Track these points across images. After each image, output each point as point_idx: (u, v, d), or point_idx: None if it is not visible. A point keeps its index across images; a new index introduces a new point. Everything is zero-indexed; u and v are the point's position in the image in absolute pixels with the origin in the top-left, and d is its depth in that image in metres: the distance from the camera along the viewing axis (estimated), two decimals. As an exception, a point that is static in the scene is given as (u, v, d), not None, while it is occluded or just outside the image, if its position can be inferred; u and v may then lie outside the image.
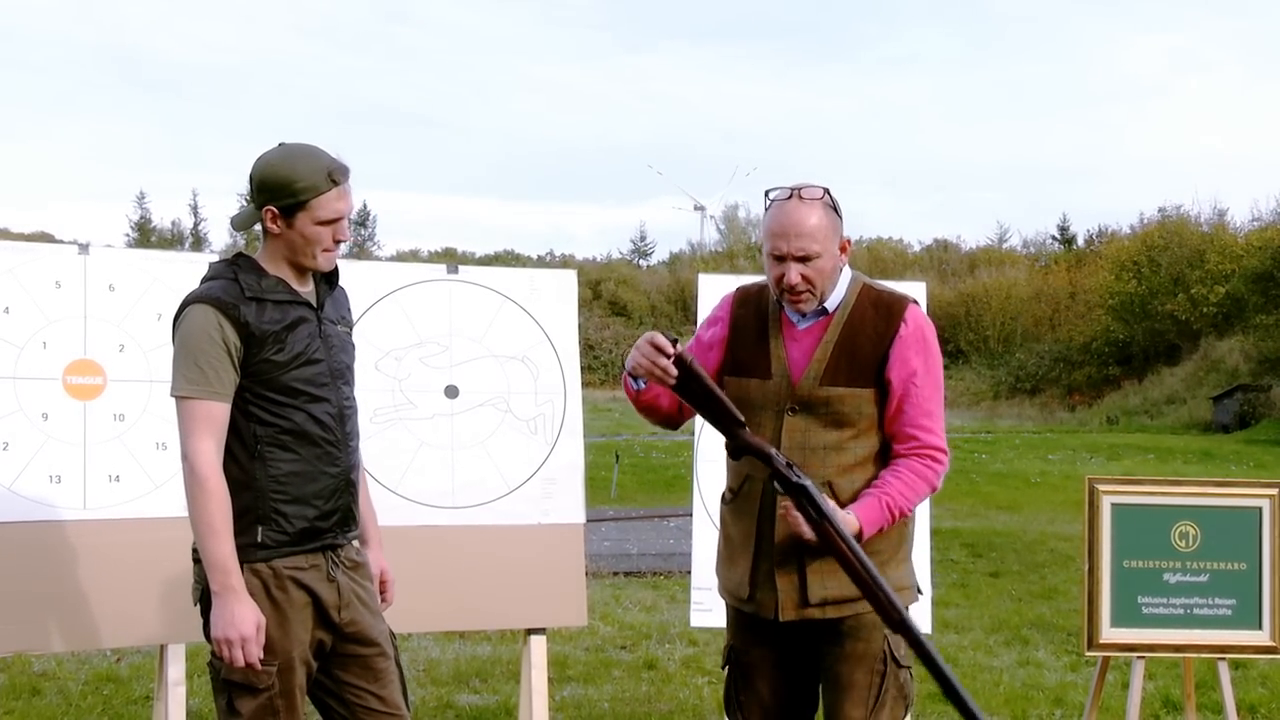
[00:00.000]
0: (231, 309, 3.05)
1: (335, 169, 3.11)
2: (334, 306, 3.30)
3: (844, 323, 3.19)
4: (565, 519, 4.74)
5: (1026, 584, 9.67)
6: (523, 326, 4.79)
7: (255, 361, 3.07)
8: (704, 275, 5.05)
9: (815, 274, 3.12)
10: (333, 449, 3.18)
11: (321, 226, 3.11)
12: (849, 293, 3.23)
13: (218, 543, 3.00)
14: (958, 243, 62.69)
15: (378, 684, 3.28)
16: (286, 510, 3.11)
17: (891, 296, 3.24)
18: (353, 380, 3.32)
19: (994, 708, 5.92)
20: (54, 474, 4.12)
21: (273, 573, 3.10)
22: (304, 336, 3.15)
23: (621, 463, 17.09)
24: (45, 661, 6.42)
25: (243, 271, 3.13)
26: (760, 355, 3.24)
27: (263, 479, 3.09)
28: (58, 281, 4.21)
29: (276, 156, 3.12)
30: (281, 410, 3.10)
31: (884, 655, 3.18)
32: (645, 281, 59.54)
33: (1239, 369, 34.43)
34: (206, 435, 3.02)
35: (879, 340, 3.16)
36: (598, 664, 6.76)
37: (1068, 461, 21.50)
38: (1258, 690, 6.25)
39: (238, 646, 3.00)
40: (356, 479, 3.30)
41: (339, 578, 3.21)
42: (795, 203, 3.13)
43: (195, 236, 65.01)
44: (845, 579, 3.00)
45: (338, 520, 3.20)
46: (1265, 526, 4.72)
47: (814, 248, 3.10)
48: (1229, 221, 44.72)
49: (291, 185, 3.06)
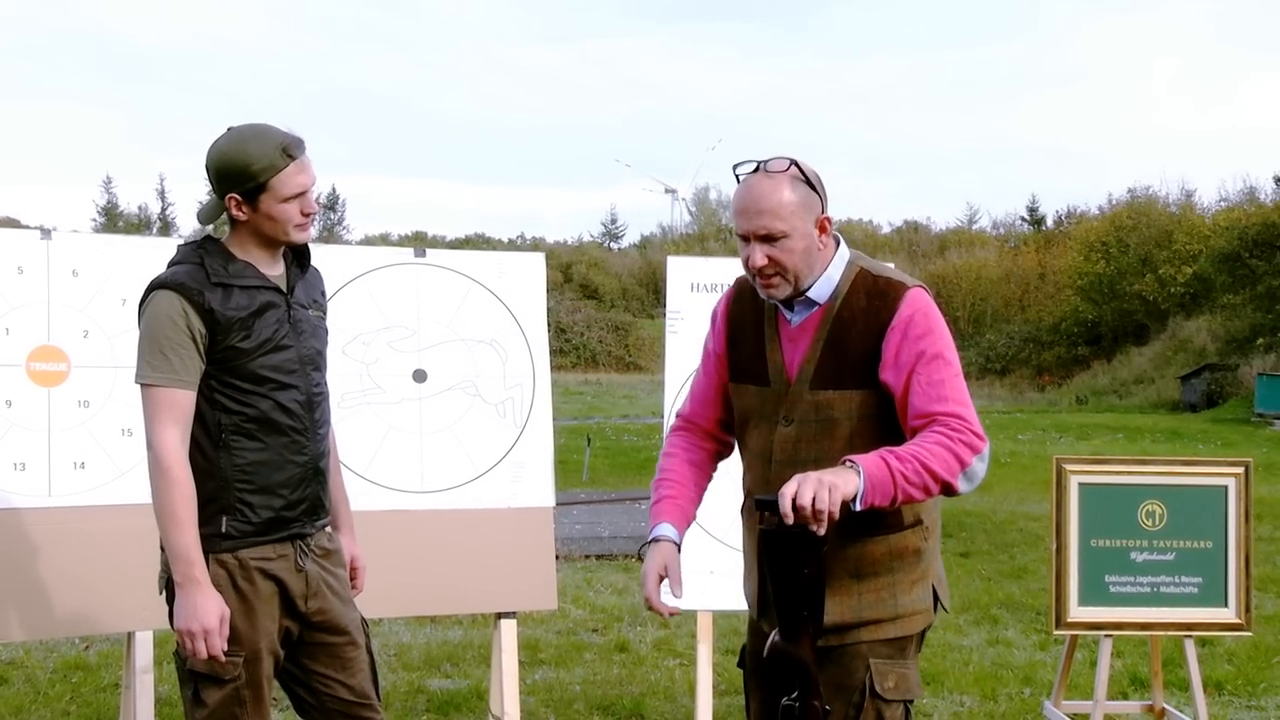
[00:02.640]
0: (196, 295, 2.99)
1: (288, 143, 3.03)
2: (305, 290, 3.23)
3: (834, 316, 2.84)
4: (534, 502, 4.74)
5: (996, 564, 9.72)
6: (491, 310, 4.77)
7: (221, 348, 3.01)
8: (672, 258, 5.05)
9: (783, 255, 2.77)
10: (300, 437, 3.13)
11: (286, 204, 3.04)
12: (842, 280, 2.86)
13: (181, 532, 2.95)
14: (928, 224, 63.18)
15: (346, 672, 3.25)
16: (252, 500, 3.06)
17: (888, 283, 2.84)
18: (324, 366, 3.27)
19: (964, 687, 5.95)
20: (18, 461, 4.08)
21: (239, 563, 3.06)
22: (272, 322, 3.08)
23: (593, 446, 17.08)
24: (12, 650, 6.38)
25: (209, 256, 3.07)
26: (757, 359, 2.94)
27: (227, 468, 3.04)
28: (20, 267, 4.17)
29: (227, 142, 3.04)
30: (247, 398, 3.05)
31: (863, 687, 2.83)
32: (616, 264, 59.61)
33: (1206, 349, 34.70)
34: (171, 423, 2.97)
35: (869, 334, 2.80)
36: (569, 647, 6.76)
37: (1037, 441, 21.60)
38: (1224, 667, 6.30)
39: (200, 639, 2.96)
40: (326, 467, 3.25)
41: (308, 567, 3.17)
42: (759, 177, 2.79)
43: (163, 221, 64.70)
44: (849, 603, 2.83)
45: (305, 510, 3.16)
46: (1231, 505, 4.76)
47: (778, 225, 2.75)
48: (1197, 202, 45.12)
49: (248, 169, 2.99)
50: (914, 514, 2.88)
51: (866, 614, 2.85)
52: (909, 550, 2.88)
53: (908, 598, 2.88)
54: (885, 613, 2.86)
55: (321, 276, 3.37)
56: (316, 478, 3.19)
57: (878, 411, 2.81)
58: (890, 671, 2.84)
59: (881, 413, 2.81)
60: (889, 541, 2.85)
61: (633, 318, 50.72)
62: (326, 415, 3.25)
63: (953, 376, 2.76)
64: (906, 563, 2.88)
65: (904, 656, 2.88)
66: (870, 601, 2.85)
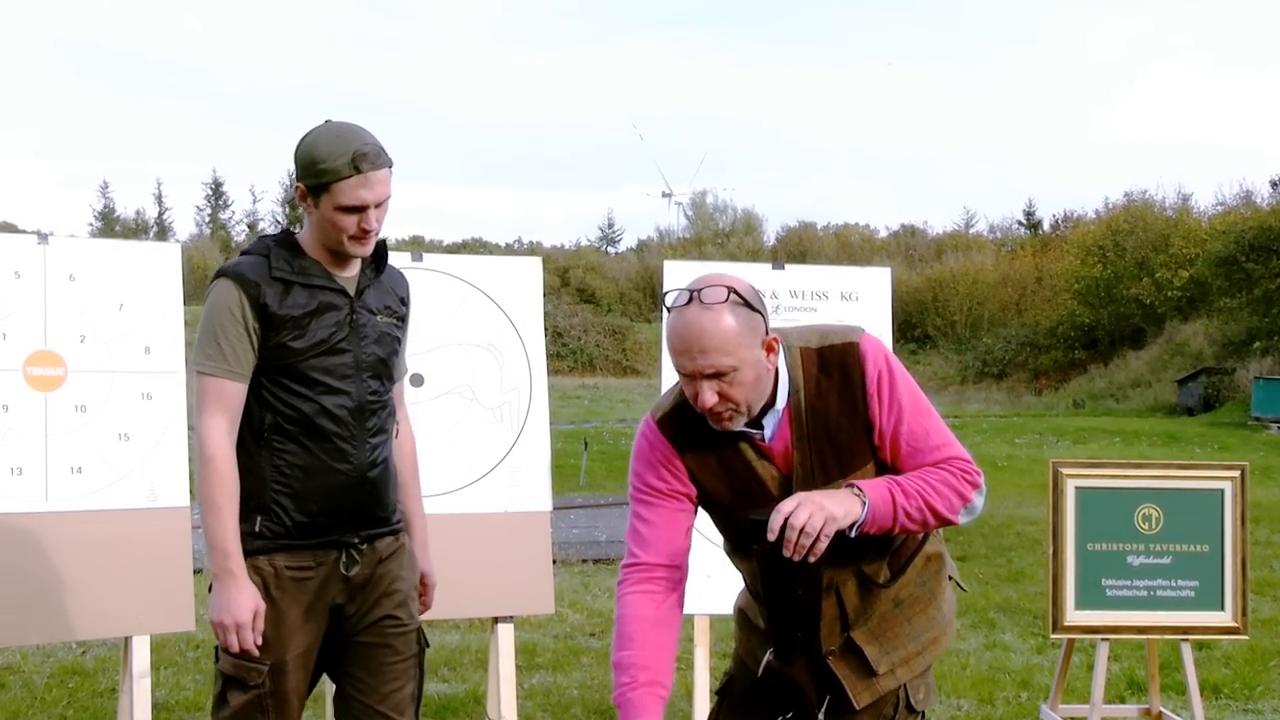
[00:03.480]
0: (253, 288, 2.94)
1: (361, 155, 2.92)
2: (378, 295, 3.15)
3: (806, 410, 2.67)
4: (532, 506, 4.74)
5: (993, 567, 9.72)
6: (488, 314, 4.77)
7: (272, 345, 2.96)
8: (669, 262, 5.05)
9: (735, 390, 2.55)
10: (345, 444, 3.03)
11: (343, 213, 2.95)
12: (792, 371, 2.67)
13: (219, 522, 2.90)
14: (924, 228, 63.03)
15: (378, 679, 3.16)
16: (285, 503, 3.00)
17: (834, 349, 2.68)
18: (389, 374, 3.15)
19: (961, 690, 5.95)
20: (15, 466, 4.08)
21: (274, 571, 3.00)
22: (330, 324, 3.01)
23: (590, 450, 17.07)
24: (9, 654, 6.37)
25: (277, 249, 3.02)
26: (751, 481, 2.71)
27: (267, 467, 2.99)
28: (17, 272, 4.17)
29: (313, 135, 2.99)
30: (293, 399, 2.99)
31: (896, 701, 2.79)
32: (613, 268, 59.53)
33: (1203, 352, 34.71)
34: (219, 413, 2.93)
35: (852, 410, 2.66)
36: (566, 651, 6.76)
37: (1034, 445, 21.61)
38: (1221, 671, 6.30)
39: (231, 632, 2.91)
40: (378, 477, 3.11)
41: (354, 574, 3.08)
42: (695, 309, 2.54)
43: (159, 226, 64.56)
44: (903, 632, 2.78)
45: (346, 519, 3.06)
46: (1227, 509, 4.77)
47: (725, 361, 2.51)
48: (1193, 206, 45.15)
49: (314, 165, 2.94)
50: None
51: (924, 636, 2.84)
52: (933, 559, 2.89)
53: (946, 604, 2.89)
54: (938, 628, 2.86)
55: (406, 283, 3.30)
56: (363, 487, 3.08)
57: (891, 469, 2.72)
58: (920, 684, 2.84)
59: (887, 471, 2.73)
60: (915, 564, 2.85)
61: (630, 322, 50.67)
62: (384, 424, 3.14)
63: (932, 421, 2.70)
64: (934, 571, 2.88)
65: (927, 667, 2.88)
66: (923, 624, 2.84)
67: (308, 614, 3.05)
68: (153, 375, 4.29)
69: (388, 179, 3.02)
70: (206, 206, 68.33)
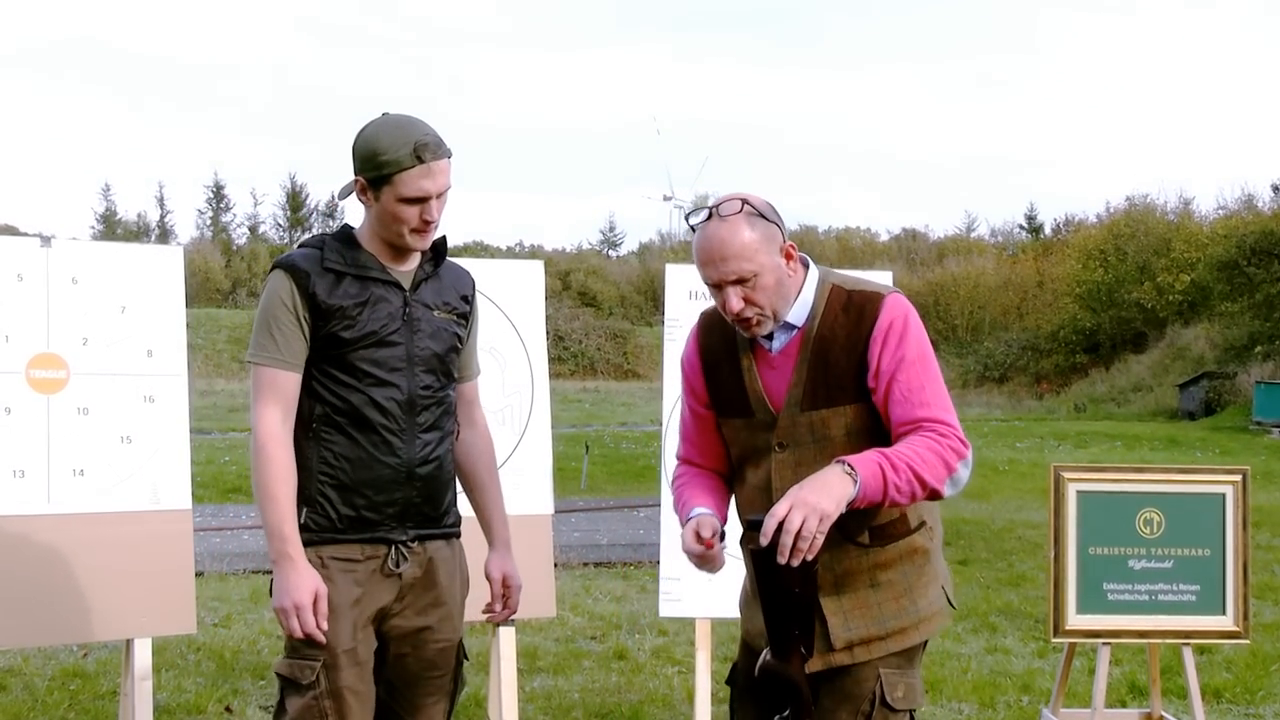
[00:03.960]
0: (304, 278, 2.95)
1: (423, 145, 2.93)
2: (435, 290, 3.12)
3: (815, 336, 2.82)
4: (534, 510, 4.73)
5: (994, 571, 9.72)
6: (490, 318, 4.76)
7: (322, 335, 2.96)
8: (671, 265, 5.05)
9: (759, 294, 2.76)
10: (394, 438, 3.01)
11: (405, 204, 2.94)
12: (817, 299, 2.84)
13: (275, 509, 2.89)
14: (926, 232, 63.22)
15: (411, 690, 3.14)
16: (331, 495, 2.98)
17: (864, 295, 2.83)
18: (445, 370, 3.12)
19: (962, 694, 5.95)
20: (17, 469, 4.08)
21: (320, 561, 2.96)
22: (382, 316, 3.00)
23: (591, 453, 17.07)
24: (11, 657, 6.37)
25: (332, 241, 3.04)
26: (738, 392, 2.90)
27: (314, 459, 2.98)
28: (19, 274, 4.17)
29: (373, 127, 2.98)
30: (342, 390, 2.97)
31: (873, 696, 2.83)
32: (615, 272, 59.60)
33: (1204, 356, 34.72)
34: (272, 403, 2.93)
35: (853, 348, 2.78)
36: (568, 655, 6.76)
37: (1035, 449, 21.61)
38: (1222, 675, 6.30)
39: (293, 615, 2.87)
40: (431, 474, 3.08)
41: (403, 572, 3.05)
42: (715, 223, 2.76)
43: (161, 228, 64.62)
44: (870, 614, 2.83)
45: (396, 514, 3.03)
46: (1229, 513, 4.76)
47: (746, 267, 2.73)
48: (1195, 210, 45.24)
49: (375, 157, 2.92)
50: (918, 516, 2.91)
51: (890, 624, 2.86)
52: (918, 552, 2.91)
53: (924, 601, 2.90)
54: (907, 620, 2.87)
55: (470, 280, 3.27)
56: (412, 483, 3.04)
57: (872, 424, 2.81)
58: (900, 681, 2.85)
59: (875, 424, 2.81)
60: (899, 547, 2.88)
61: (631, 325, 50.71)
62: (438, 421, 3.10)
63: (933, 381, 2.77)
64: (917, 565, 2.90)
65: (911, 666, 2.90)
66: (892, 611, 2.86)
67: (356, 608, 2.99)
68: (155, 378, 4.30)
69: (448, 169, 3.01)
70: (208, 209, 68.54)
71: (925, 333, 2.84)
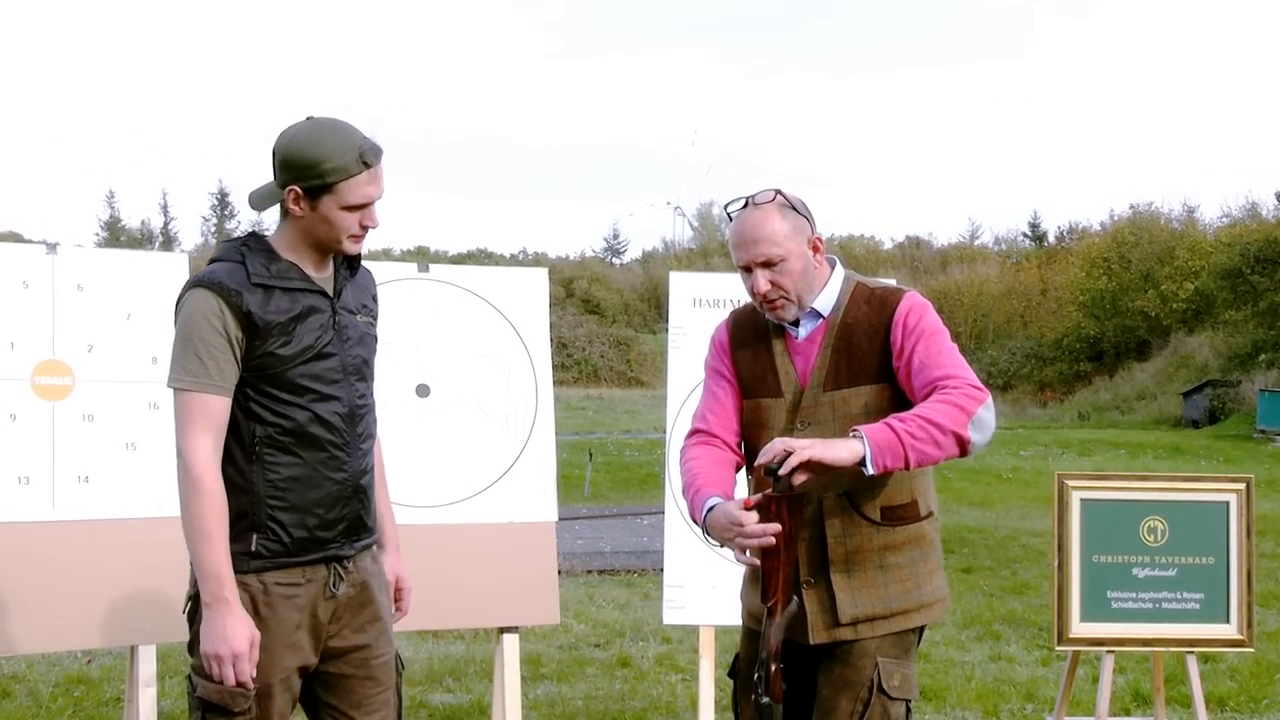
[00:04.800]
0: (234, 296, 2.79)
1: (367, 150, 2.83)
2: (354, 294, 3.03)
3: (839, 324, 3.03)
4: (537, 517, 4.74)
5: (998, 579, 9.71)
6: (494, 325, 4.78)
7: (258, 355, 2.81)
8: (675, 273, 5.05)
9: (784, 278, 2.98)
10: (340, 452, 2.92)
11: (348, 212, 2.84)
12: (842, 293, 3.07)
13: (210, 549, 2.75)
14: (930, 240, 63.17)
15: (360, 710, 3.05)
16: (284, 518, 2.86)
17: (885, 290, 3.07)
18: (371, 376, 3.04)
19: (966, 702, 5.94)
20: (22, 475, 4.09)
21: (263, 588, 2.86)
22: (315, 328, 2.89)
23: (595, 461, 17.08)
24: (15, 664, 6.38)
25: (252, 254, 2.87)
26: (768, 372, 3.08)
27: (260, 483, 2.85)
28: (25, 281, 4.18)
29: (305, 133, 2.84)
30: (285, 409, 2.85)
31: (871, 684, 2.96)
32: (618, 279, 59.64)
33: (1209, 365, 34.68)
34: (203, 431, 2.78)
35: (875, 333, 2.99)
36: (571, 662, 6.76)
37: (1039, 457, 21.59)
38: (1226, 683, 6.29)
39: (228, 663, 2.76)
40: (369, 484, 3.03)
41: (340, 592, 2.97)
42: (750, 210, 3.01)
43: (165, 236, 64.79)
44: (877, 594, 2.96)
45: (343, 530, 2.95)
46: (1233, 521, 4.76)
47: (775, 251, 2.96)
48: (1199, 218, 45.13)
49: (319, 166, 2.79)
50: (927, 506, 3.08)
51: (895, 605, 3.01)
52: (925, 540, 3.06)
53: (929, 587, 3.06)
54: (910, 603, 3.03)
55: (373, 279, 3.16)
56: (357, 496, 2.98)
57: (892, 405, 2.96)
58: (896, 670, 2.99)
59: (895, 406, 2.96)
60: (909, 531, 3.04)
61: (634, 333, 50.71)
62: (371, 429, 3.04)
63: (947, 348, 2.94)
64: (924, 552, 3.05)
65: (907, 656, 3.04)
66: (897, 593, 3.01)
67: (296, 633, 2.92)
68: (160, 385, 4.27)
69: (383, 172, 2.93)
70: (212, 216, 68.67)
71: (941, 322, 3.03)
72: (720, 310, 4.77)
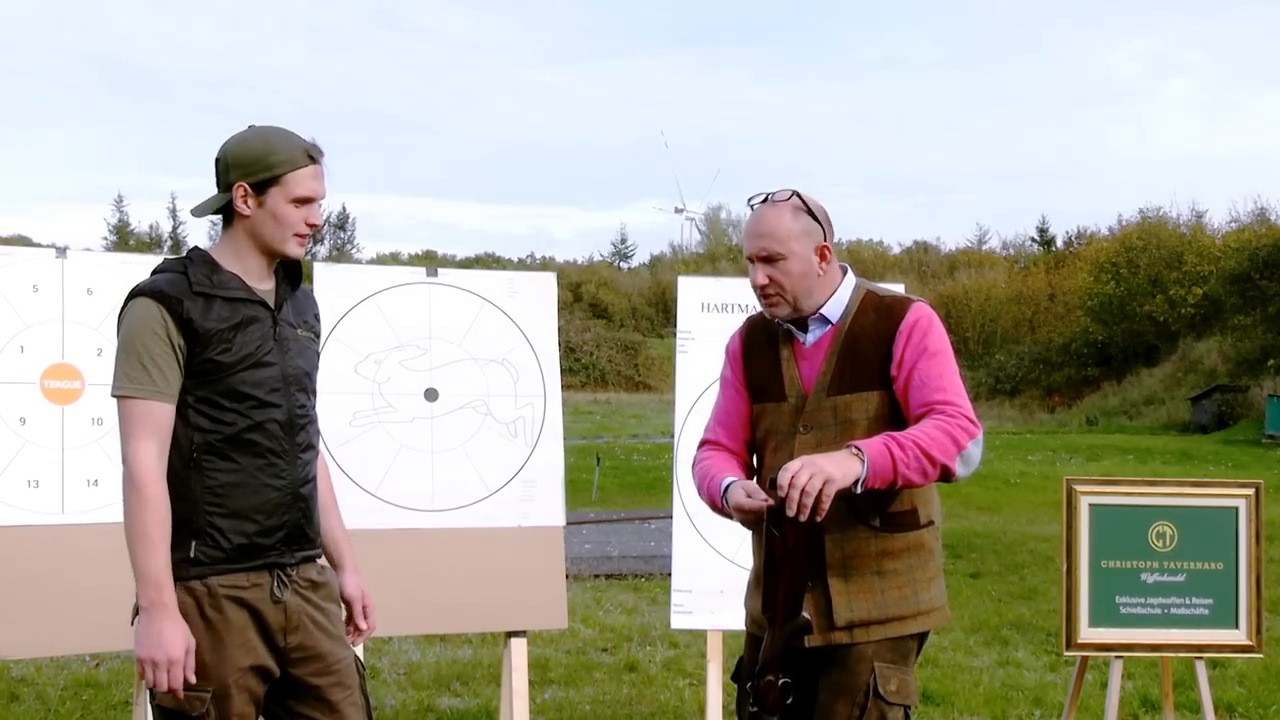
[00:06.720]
0: (176, 304, 2.83)
1: (311, 147, 2.95)
2: (295, 309, 3.07)
3: (846, 331, 3.07)
4: (545, 521, 4.74)
5: (1006, 584, 9.70)
6: (502, 329, 4.79)
7: (199, 362, 2.85)
8: (683, 277, 5.05)
9: (781, 276, 3.02)
10: (278, 460, 2.94)
11: (295, 206, 2.91)
12: (851, 300, 3.11)
13: (151, 554, 2.76)
14: (937, 244, 63.17)
15: (333, 716, 3.03)
16: (222, 524, 2.87)
17: (894, 299, 3.11)
18: (312, 389, 3.08)
19: (974, 708, 5.94)
20: (32, 478, 4.11)
21: (207, 591, 2.86)
22: (255, 337, 2.92)
23: (602, 465, 17.08)
24: (23, 667, 6.39)
25: (194, 265, 2.92)
26: (774, 377, 3.13)
27: (198, 490, 2.86)
28: (35, 285, 4.20)
29: (251, 134, 2.95)
30: (224, 415, 2.87)
31: (867, 689, 2.97)
32: (626, 284, 59.67)
33: (1217, 370, 34.62)
34: (147, 438, 2.80)
35: (880, 341, 3.03)
36: (579, 666, 6.76)
37: (1047, 462, 21.56)
38: (1235, 689, 6.28)
39: (163, 670, 2.76)
40: (309, 494, 3.05)
41: (287, 599, 2.97)
42: (765, 206, 3.08)
43: (174, 240, 64.87)
44: (873, 599, 2.98)
45: (283, 538, 2.96)
46: (1242, 526, 4.75)
47: (777, 248, 3.01)
48: (1207, 223, 45.05)
49: (266, 159, 2.88)
50: (927, 514, 3.09)
51: (891, 610, 3.01)
52: (924, 548, 3.07)
53: (927, 595, 3.05)
54: (908, 609, 3.03)
55: (315, 301, 3.21)
56: (297, 504, 2.99)
57: (892, 412, 3.02)
58: (893, 675, 3.00)
59: (895, 413, 3.01)
60: (908, 538, 3.05)
61: (642, 337, 50.75)
62: (312, 440, 3.07)
63: (950, 371, 3.01)
64: (922, 560, 3.06)
65: (905, 662, 3.04)
66: (894, 599, 3.01)
67: (246, 631, 2.91)
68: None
69: (325, 176, 3.01)
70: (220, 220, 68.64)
71: (947, 336, 3.09)
72: (728, 314, 4.78)
